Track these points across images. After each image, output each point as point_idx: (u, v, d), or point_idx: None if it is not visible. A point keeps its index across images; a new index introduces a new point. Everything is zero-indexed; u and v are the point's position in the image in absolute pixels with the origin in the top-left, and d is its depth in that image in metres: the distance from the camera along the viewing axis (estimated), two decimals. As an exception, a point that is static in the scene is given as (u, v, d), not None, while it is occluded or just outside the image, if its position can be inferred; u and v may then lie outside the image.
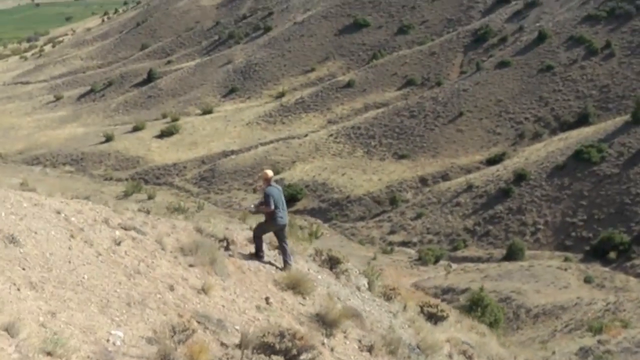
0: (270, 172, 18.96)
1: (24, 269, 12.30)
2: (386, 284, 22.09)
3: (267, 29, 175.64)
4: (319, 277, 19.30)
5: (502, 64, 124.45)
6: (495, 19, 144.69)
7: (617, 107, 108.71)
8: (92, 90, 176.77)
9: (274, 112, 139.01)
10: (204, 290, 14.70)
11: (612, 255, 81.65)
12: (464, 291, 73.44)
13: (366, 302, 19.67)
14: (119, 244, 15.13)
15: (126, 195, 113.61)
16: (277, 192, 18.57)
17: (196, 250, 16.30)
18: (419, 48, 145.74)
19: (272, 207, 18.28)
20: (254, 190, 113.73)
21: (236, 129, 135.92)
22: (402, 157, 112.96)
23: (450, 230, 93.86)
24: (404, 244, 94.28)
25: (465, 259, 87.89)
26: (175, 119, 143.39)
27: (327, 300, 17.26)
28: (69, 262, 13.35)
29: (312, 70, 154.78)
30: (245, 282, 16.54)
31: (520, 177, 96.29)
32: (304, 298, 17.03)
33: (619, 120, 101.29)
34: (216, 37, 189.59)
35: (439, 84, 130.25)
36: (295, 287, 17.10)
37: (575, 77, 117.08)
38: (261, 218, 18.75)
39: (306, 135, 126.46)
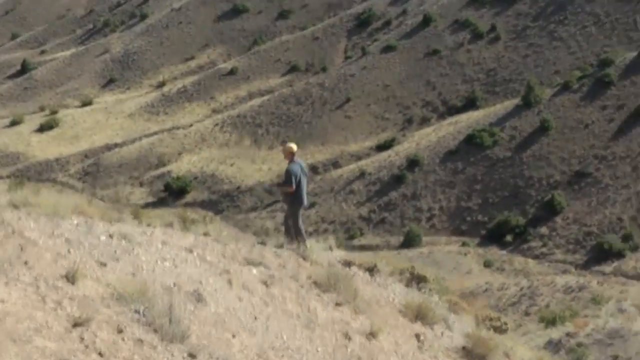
0: (294, 146, 17.90)
1: (233, 336, 11.42)
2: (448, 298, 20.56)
3: (144, 17, 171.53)
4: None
5: (388, 48, 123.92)
6: (377, 2, 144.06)
7: (504, 91, 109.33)
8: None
9: (156, 103, 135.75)
10: (372, 334, 13.93)
11: (509, 238, 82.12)
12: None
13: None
14: (268, 286, 14.07)
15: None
16: (299, 168, 17.45)
17: (335, 284, 14.97)
18: (301, 33, 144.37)
19: (294, 186, 17.12)
20: (141, 184, 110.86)
21: (118, 120, 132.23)
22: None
23: (345, 219, 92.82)
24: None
25: (362, 248, 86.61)
26: (54, 112, 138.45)
27: (472, 330, 16.25)
28: (255, 318, 12.68)
29: (192, 58, 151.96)
30: (379, 314, 15.28)
31: (413, 163, 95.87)
32: (432, 328, 15.85)
33: (509, 103, 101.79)
34: (91, 26, 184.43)
35: (324, 69, 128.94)
36: (423, 317, 15.85)
37: (462, 61, 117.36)
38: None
39: (191, 126, 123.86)
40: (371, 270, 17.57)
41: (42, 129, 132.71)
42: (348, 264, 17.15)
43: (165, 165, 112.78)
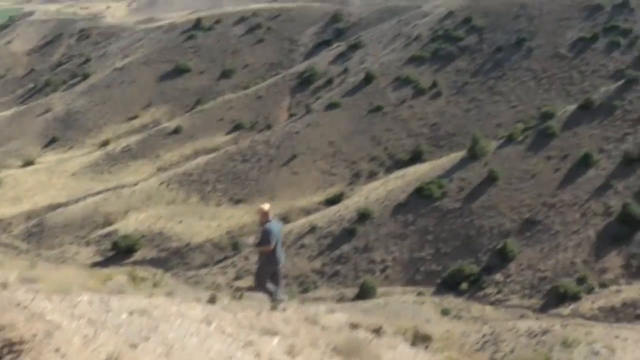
0: (266, 206, 17.80)
1: None
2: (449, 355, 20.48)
3: (85, 76, 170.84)
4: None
5: (332, 105, 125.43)
6: (319, 61, 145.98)
7: (449, 144, 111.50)
8: None
9: (100, 161, 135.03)
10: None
11: (464, 286, 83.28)
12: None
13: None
14: (294, 356, 13.75)
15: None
16: (276, 228, 17.45)
17: (356, 351, 14.60)
18: (244, 92, 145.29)
19: (273, 245, 17.10)
20: (87, 244, 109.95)
21: (61, 180, 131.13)
22: (239, 201, 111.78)
23: (299, 272, 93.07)
24: (252, 289, 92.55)
25: (317, 300, 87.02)
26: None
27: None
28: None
29: (136, 117, 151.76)
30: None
31: (363, 216, 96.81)
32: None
33: (455, 156, 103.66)
34: (32, 85, 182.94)
35: (268, 127, 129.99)
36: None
37: (405, 116, 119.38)
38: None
39: (136, 184, 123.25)
40: (377, 331, 17.43)
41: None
42: (354, 326, 17.05)
43: (112, 224, 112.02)
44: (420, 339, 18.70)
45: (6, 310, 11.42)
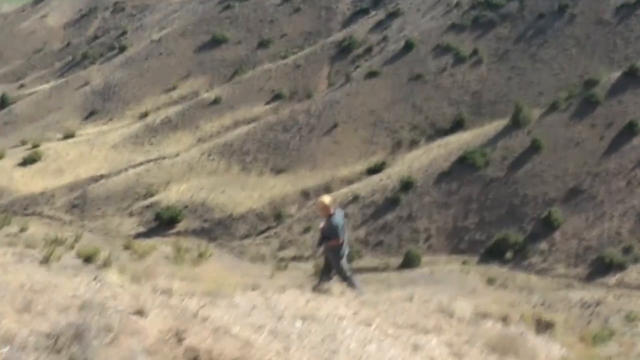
0: (327, 199, 17.45)
1: None
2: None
3: (123, 49, 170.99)
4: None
5: (371, 74, 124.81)
6: (357, 30, 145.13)
7: (491, 112, 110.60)
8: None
9: (140, 133, 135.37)
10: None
11: (509, 255, 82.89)
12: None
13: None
14: (461, 357, 12.94)
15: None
16: (341, 219, 17.15)
17: (513, 348, 13.59)
18: (283, 62, 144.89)
19: (342, 238, 16.91)
20: (130, 215, 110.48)
21: (102, 152, 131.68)
22: (281, 171, 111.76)
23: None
24: (296, 259, 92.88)
25: (362, 270, 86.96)
26: (36, 145, 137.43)
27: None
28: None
29: (174, 88, 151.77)
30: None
31: (406, 185, 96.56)
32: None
33: (498, 124, 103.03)
34: (69, 58, 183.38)
35: (308, 96, 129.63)
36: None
37: (446, 85, 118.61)
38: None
39: (177, 155, 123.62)
40: (505, 319, 16.09)
41: (25, 162, 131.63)
42: (484, 315, 15.90)
43: (154, 195, 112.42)
44: (543, 326, 17.43)
45: (188, 323, 10.74)
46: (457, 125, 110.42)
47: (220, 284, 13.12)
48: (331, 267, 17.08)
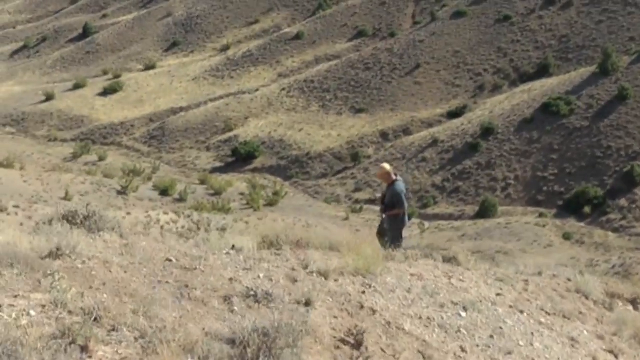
0: (387, 166, 16.16)
1: None
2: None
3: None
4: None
5: (458, 14, 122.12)
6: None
7: (578, 58, 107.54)
8: (25, 47, 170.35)
9: (221, 67, 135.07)
10: None
11: (587, 210, 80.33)
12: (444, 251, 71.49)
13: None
14: (616, 355, 11.66)
15: (75, 157, 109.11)
16: (403, 187, 15.96)
17: None
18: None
19: (405, 206, 15.65)
20: (207, 149, 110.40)
21: (182, 84, 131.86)
22: (360, 111, 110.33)
23: (419, 187, 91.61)
24: (371, 201, 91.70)
25: (436, 217, 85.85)
26: (117, 76, 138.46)
27: None
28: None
29: (257, 22, 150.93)
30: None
31: (487, 131, 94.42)
32: None
33: (585, 71, 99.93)
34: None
35: (392, 35, 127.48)
36: None
37: (533, 28, 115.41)
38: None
39: (257, 90, 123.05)
40: (634, 302, 14.76)
41: (106, 92, 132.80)
42: (612, 295, 14.38)
43: (232, 130, 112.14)
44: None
45: (359, 318, 9.34)
46: (542, 71, 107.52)
47: (363, 256, 11.14)
48: (385, 234, 15.77)
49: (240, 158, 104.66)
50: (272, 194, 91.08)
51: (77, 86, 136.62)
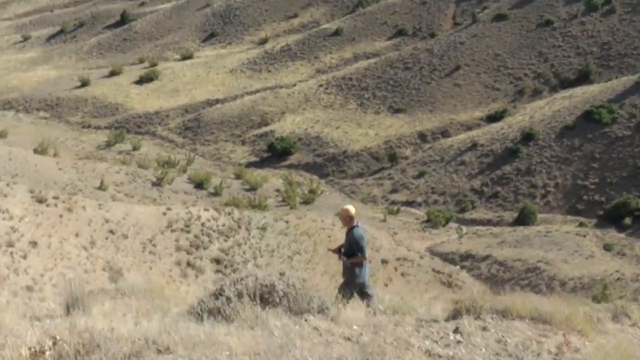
0: (352, 209, 14.86)
1: None
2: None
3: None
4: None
5: (499, 17, 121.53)
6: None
7: (619, 65, 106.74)
8: (62, 31, 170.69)
9: (258, 60, 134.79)
10: None
11: (627, 221, 79.50)
12: (484, 258, 71.14)
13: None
14: None
15: (108, 145, 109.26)
16: (363, 233, 14.75)
17: None
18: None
19: (366, 253, 14.65)
20: (242, 143, 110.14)
21: (219, 76, 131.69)
22: (398, 110, 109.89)
23: (457, 191, 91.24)
24: (408, 203, 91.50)
25: (474, 222, 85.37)
26: (154, 64, 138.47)
27: None
28: None
29: (295, 16, 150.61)
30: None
31: (527, 137, 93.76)
32: None
33: (627, 80, 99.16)
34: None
35: (432, 35, 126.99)
36: None
37: (575, 33, 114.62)
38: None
39: (294, 85, 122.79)
40: None
41: (142, 81, 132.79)
42: None
43: (268, 125, 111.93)
44: None
45: None
46: (583, 77, 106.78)
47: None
48: (351, 283, 14.93)
49: (275, 153, 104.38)
50: (307, 192, 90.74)
51: (112, 73, 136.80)
